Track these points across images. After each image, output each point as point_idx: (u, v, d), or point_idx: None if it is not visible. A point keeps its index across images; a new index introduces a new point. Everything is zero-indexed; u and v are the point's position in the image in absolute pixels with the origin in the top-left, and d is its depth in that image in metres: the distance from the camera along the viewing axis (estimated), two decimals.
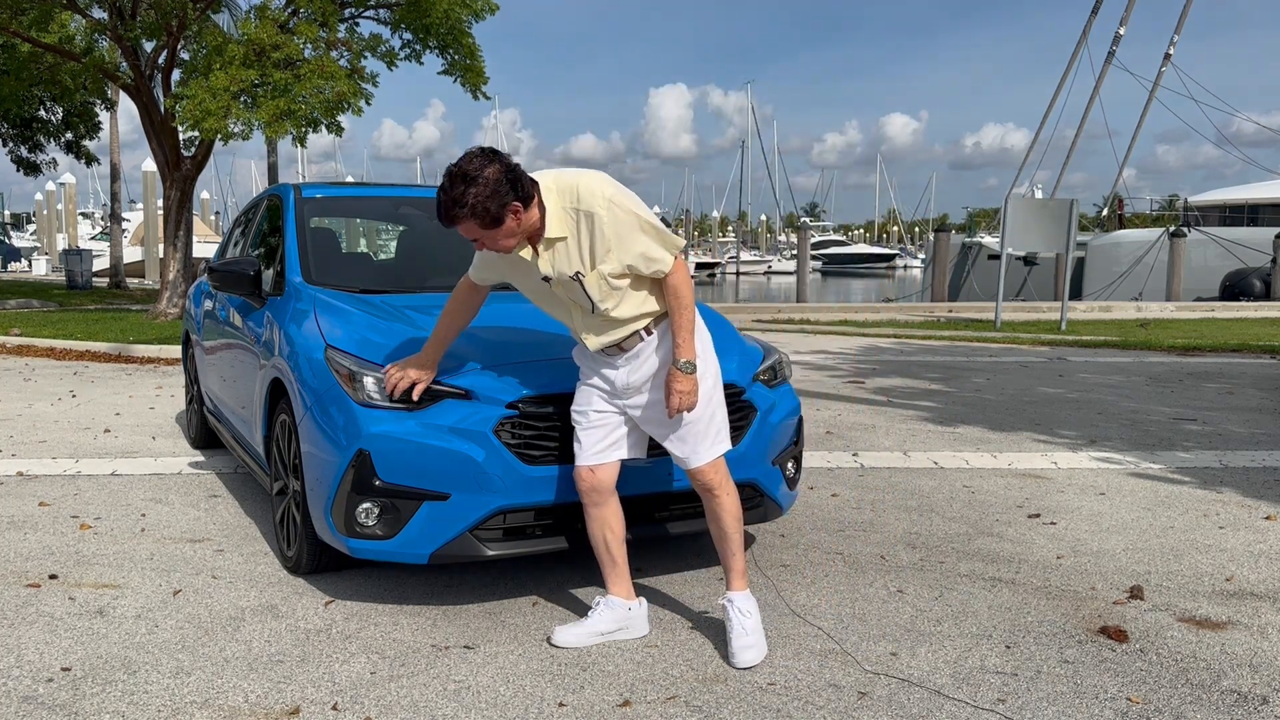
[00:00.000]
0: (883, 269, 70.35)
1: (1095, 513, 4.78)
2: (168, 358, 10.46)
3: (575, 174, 2.94)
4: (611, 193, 2.90)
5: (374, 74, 14.51)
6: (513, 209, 2.79)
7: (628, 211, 2.91)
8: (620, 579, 3.27)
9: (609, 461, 3.19)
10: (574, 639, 3.18)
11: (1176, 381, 9.36)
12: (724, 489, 3.14)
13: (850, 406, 7.73)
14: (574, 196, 2.89)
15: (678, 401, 3.00)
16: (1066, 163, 30.04)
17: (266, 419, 4.08)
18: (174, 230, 14.93)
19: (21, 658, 3.05)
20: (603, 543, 3.24)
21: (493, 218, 2.77)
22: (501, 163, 2.79)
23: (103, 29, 13.59)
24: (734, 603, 3.13)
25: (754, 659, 3.03)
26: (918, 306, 21.84)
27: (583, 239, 2.91)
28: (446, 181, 2.78)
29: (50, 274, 34.63)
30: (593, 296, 2.96)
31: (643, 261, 2.94)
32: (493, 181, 2.74)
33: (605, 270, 2.92)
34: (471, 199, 2.74)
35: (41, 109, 20.77)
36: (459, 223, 2.81)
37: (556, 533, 3.44)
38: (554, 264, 2.95)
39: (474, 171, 2.75)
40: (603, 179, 2.94)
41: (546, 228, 2.89)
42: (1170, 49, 27.81)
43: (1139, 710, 2.78)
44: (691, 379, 3.01)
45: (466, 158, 2.79)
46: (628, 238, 2.90)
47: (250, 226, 5.63)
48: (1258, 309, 19.85)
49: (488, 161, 2.77)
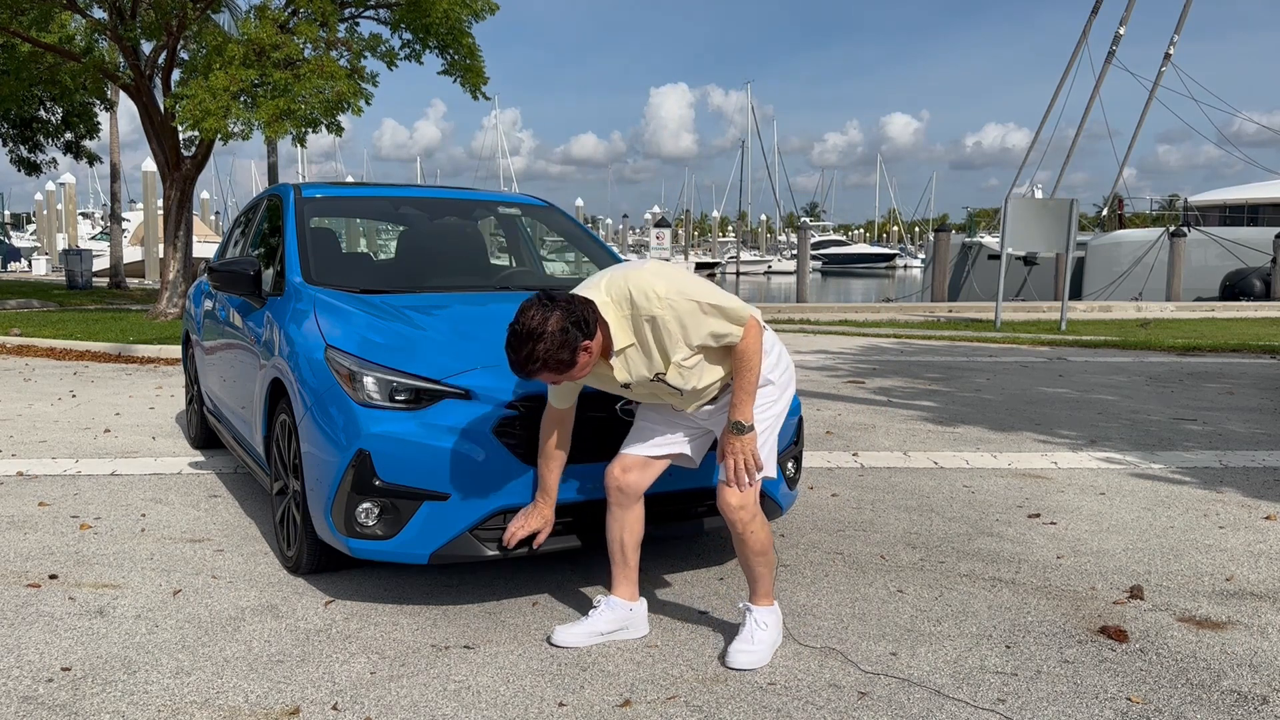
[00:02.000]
0: (883, 269, 70.34)
1: (1095, 513, 4.78)
2: (168, 358, 10.46)
3: (625, 278, 2.89)
4: (663, 289, 2.85)
5: (374, 74, 14.52)
6: (583, 348, 2.78)
7: (687, 301, 2.86)
8: (627, 581, 3.27)
9: (649, 457, 3.17)
10: (574, 638, 3.18)
11: (1176, 381, 9.36)
12: (748, 525, 3.05)
13: (850, 406, 7.73)
14: (630, 304, 2.87)
15: (733, 463, 2.97)
16: (1066, 163, 30.09)
17: (266, 419, 4.08)
18: (174, 230, 14.93)
19: (21, 658, 3.05)
20: (619, 543, 3.23)
21: (566, 364, 2.76)
22: (560, 308, 2.76)
23: (103, 29, 13.59)
24: (753, 612, 3.13)
25: (746, 663, 3.02)
26: (918, 306, 21.84)
27: (650, 342, 2.89)
28: (513, 339, 2.76)
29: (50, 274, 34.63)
30: (678, 386, 2.96)
31: (712, 339, 2.92)
32: (558, 333, 2.73)
33: (678, 359, 2.91)
34: (542, 354, 2.73)
35: (41, 109, 20.76)
36: (535, 376, 2.80)
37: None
38: (630, 370, 2.94)
39: (538, 327, 2.72)
40: (653, 274, 2.89)
41: (614, 340, 2.87)
42: (1170, 49, 27.82)
43: (1139, 710, 2.78)
44: (746, 439, 2.97)
45: (525, 313, 2.75)
46: (692, 326, 2.88)
47: (250, 226, 5.63)
48: (1258, 309, 19.85)
49: (548, 313, 2.74)
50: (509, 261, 5.77)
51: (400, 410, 3.33)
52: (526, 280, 5.24)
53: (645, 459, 3.18)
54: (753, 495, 3.04)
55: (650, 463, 3.18)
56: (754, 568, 3.12)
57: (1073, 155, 29.50)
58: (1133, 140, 30.60)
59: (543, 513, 3.27)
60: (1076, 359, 11.24)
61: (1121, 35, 27.60)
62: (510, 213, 5.64)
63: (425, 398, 3.33)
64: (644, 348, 2.91)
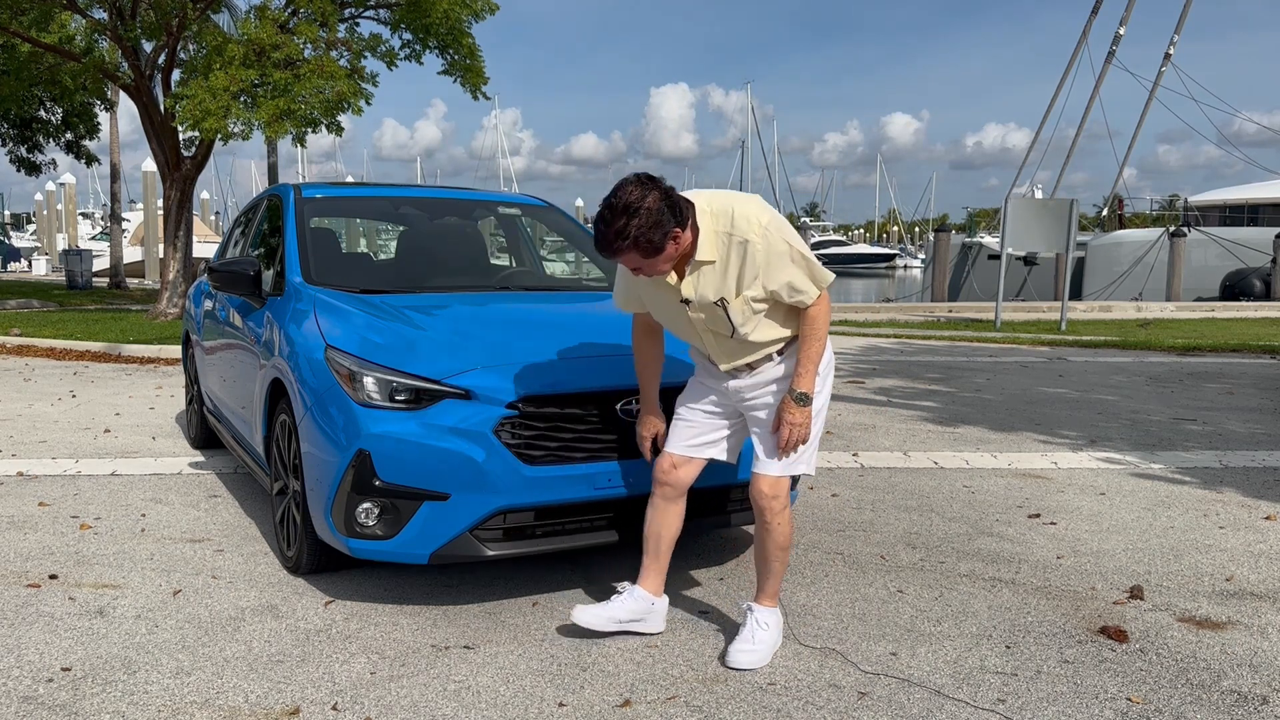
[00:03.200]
0: (883, 269, 70.32)
1: (1095, 513, 4.78)
2: (167, 358, 10.46)
3: (730, 198, 2.88)
4: (767, 220, 2.84)
5: (374, 74, 14.52)
6: (674, 235, 2.74)
7: (782, 240, 2.84)
8: (656, 574, 3.28)
9: (697, 457, 3.18)
10: (592, 620, 3.19)
11: (1176, 381, 9.36)
12: (777, 515, 3.07)
13: (850, 406, 7.73)
14: (729, 221, 2.83)
15: (788, 434, 2.97)
16: (1066, 162, 30.08)
17: (266, 419, 4.08)
18: (174, 230, 14.93)
19: (21, 658, 3.05)
20: (656, 536, 3.24)
21: (655, 247, 2.72)
22: (659, 189, 2.73)
23: (103, 29, 13.59)
24: (755, 612, 3.13)
25: (746, 663, 3.02)
26: (918, 306, 21.83)
27: (731, 265, 2.85)
28: (607, 213, 2.72)
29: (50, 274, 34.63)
30: (734, 321, 2.92)
31: (787, 290, 2.88)
32: (654, 210, 2.69)
33: (749, 294, 2.87)
34: (634, 231, 2.68)
35: (41, 109, 20.76)
36: (621, 255, 2.76)
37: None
38: (697, 288, 2.89)
39: (635, 202, 2.68)
40: (759, 205, 2.88)
41: (698, 250, 2.84)
42: (1170, 49, 27.81)
43: (1139, 710, 2.78)
44: (805, 411, 2.96)
45: (624, 188, 2.72)
46: (777, 266, 2.85)
47: (250, 226, 5.63)
48: (1258, 309, 19.84)
49: (646, 190, 2.71)
50: (509, 261, 5.77)
51: (400, 410, 3.33)
52: (526, 280, 5.25)
53: (688, 457, 3.19)
54: (785, 486, 3.07)
55: (693, 460, 3.20)
56: (770, 562, 3.13)
57: (1073, 155, 29.51)
58: (1133, 140, 30.62)
59: (652, 421, 3.27)
60: (1076, 359, 11.24)
61: (1121, 35, 27.59)
62: (510, 213, 5.64)
63: (425, 398, 3.33)
64: (723, 268, 2.85)
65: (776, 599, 3.19)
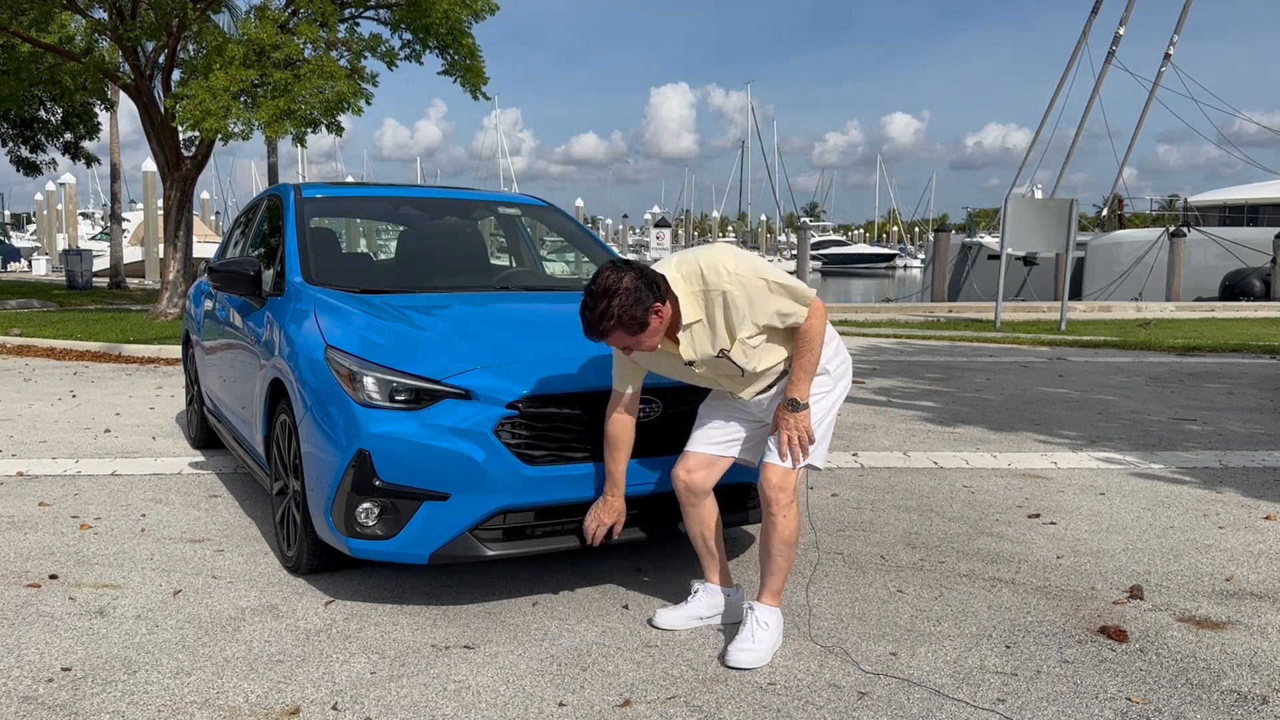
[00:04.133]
0: (883, 269, 70.29)
1: (1095, 513, 4.78)
2: (167, 358, 10.46)
3: (695, 256, 3.02)
4: (733, 265, 2.96)
5: (374, 74, 14.52)
6: (655, 309, 2.88)
7: (756, 278, 2.97)
8: (718, 567, 3.38)
9: (721, 457, 3.26)
10: (674, 621, 3.31)
11: (1176, 381, 9.36)
12: (784, 510, 3.13)
13: (850, 406, 7.73)
14: (700, 280, 2.97)
15: (786, 438, 3.08)
16: (1066, 162, 30.08)
17: (266, 419, 4.08)
18: (174, 230, 14.93)
19: (21, 658, 3.05)
20: (700, 538, 3.34)
21: (639, 323, 2.86)
22: (634, 269, 2.90)
23: (103, 29, 13.59)
24: (755, 611, 3.15)
25: (745, 662, 3.04)
26: (918, 306, 21.83)
27: (718, 317, 2.99)
28: (589, 299, 2.88)
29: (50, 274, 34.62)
30: (741, 365, 3.05)
31: (778, 319, 3.01)
32: (633, 289, 2.84)
33: (744, 336, 3.00)
34: (617, 309, 2.83)
35: (41, 109, 20.76)
36: (608, 335, 2.90)
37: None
38: (695, 347, 3.03)
39: (613, 284, 2.85)
40: (722, 252, 3.01)
41: (682, 315, 2.97)
42: (1170, 49, 27.81)
43: (1139, 710, 2.78)
44: (799, 416, 3.07)
45: (601, 274, 2.89)
46: (759, 303, 2.97)
47: (250, 227, 5.63)
48: (1258, 309, 19.84)
49: (622, 273, 2.88)
50: (509, 261, 5.77)
51: (400, 410, 3.33)
52: (526, 280, 5.25)
53: (710, 457, 3.26)
54: (794, 479, 3.13)
55: (715, 460, 3.27)
56: (775, 557, 3.16)
57: (1073, 155, 29.51)
58: (1132, 140, 30.62)
59: (614, 505, 3.34)
60: (1076, 359, 11.24)
61: (1121, 35, 27.59)
62: (510, 213, 5.64)
63: (425, 398, 3.33)
64: (711, 323, 3.00)
65: (779, 597, 3.20)
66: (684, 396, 3.44)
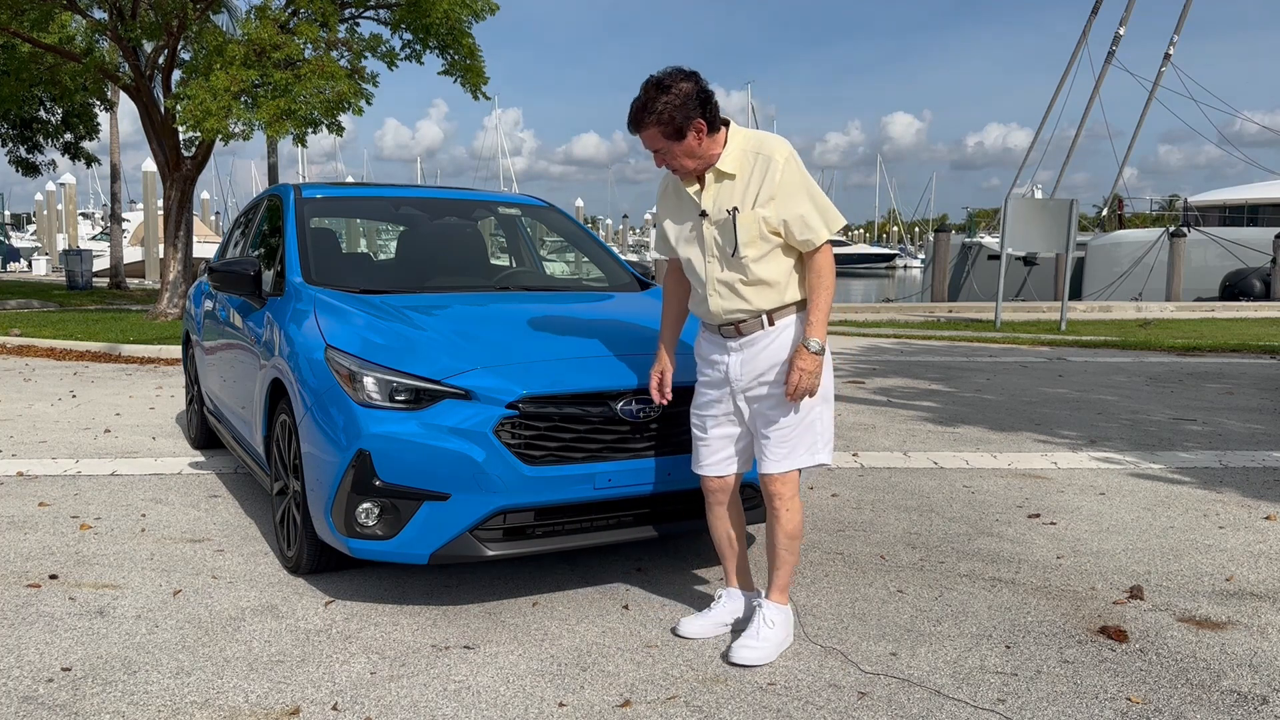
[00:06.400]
0: (883, 269, 70.27)
1: (1095, 513, 4.78)
2: (167, 358, 10.46)
3: (760, 131, 3.08)
4: (792, 153, 3.01)
5: (374, 74, 14.53)
6: (696, 125, 2.90)
7: (801, 174, 3.00)
8: (739, 572, 3.36)
9: (726, 474, 3.25)
10: (699, 630, 3.25)
11: (1176, 382, 9.36)
12: (786, 504, 3.12)
13: (850, 406, 7.72)
14: (758, 141, 3.02)
15: (797, 379, 2.97)
16: (1066, 162, 30.06)
17: (266, 419, 4.08)
18: (174, 230, 14.93)
19: (21, 658, 3.05)
20: (724, 537, 3.32)
21: (676, 129, 2.89)
22: (697, 83, 2.92)
23: (103, 29, 13.59)
24: (764, 609, 3.15)
25: (747, 659, 3.03)
26: (918, 306, 21.83)
27: (752, 180, 2.98)
28: (641, 91, 2.92)
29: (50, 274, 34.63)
30: (739, 237, 2.99)
31: (799, 225, 2.98)
32: (684, 95, 2.88)
33: (762, 213, 2.97)
34: (661, 106, 2.87)
35: (41, 109, 20.76)
36: (645, 129, 2.93)
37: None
38: (716, 199, 3.03)
39: (669, 83, 2.89)
40: (790, 146, 3.04)
41: (722, 160, 2.99)
42: (1170, 49, 27.81)
43: (1139, 710, 2.78)
44: (817, 360, 2.99)
45: (666, 71, 2.92)
46: (793, 195, 2.97)
47: (250, 227, 5.63)
48: (1258, 309, 19.84)
49: (685, 78, 2.91)
50: (509, 262, 5.77)
51: (400, 410, 3.33)
52: (526, 280, 5.25)
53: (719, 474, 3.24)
54: (795, 475, 3.12)
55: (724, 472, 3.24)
56: (780, 552, 3.15)
57: (1073, 155, 29.49)
58: (1132, 140, 30.61)
59: (664, 360, 3.35)
60: (1076, 359, 11.24)
61: (1121, 35, 27.58)
62: (510, 213, 5.64)
63: (425, 398, 3.33)
64: (744, 183, 2.99)
65: (787, 594, 3.20)
66: (684, 397, 3.45)
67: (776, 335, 3.06)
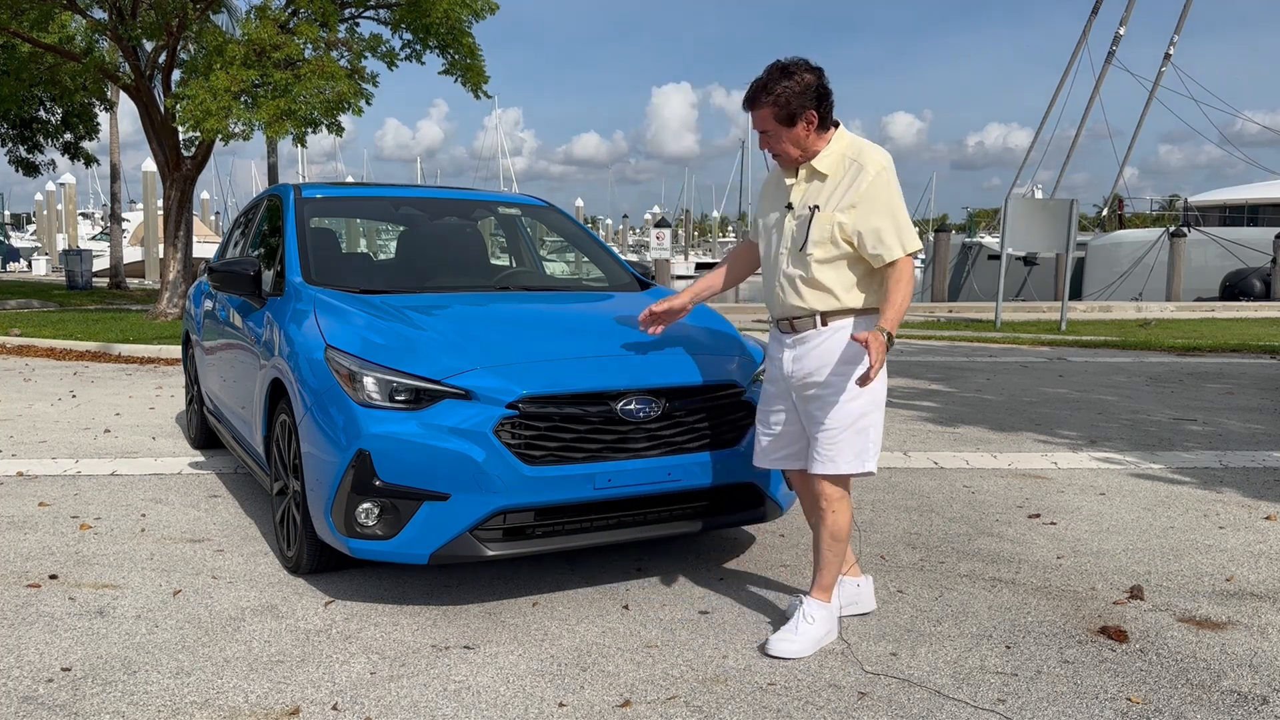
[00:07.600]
0: None
1: (1095, 513, 4.78)
2: (167, 358, 10.46)
3: (871, 143, 3.14)
4: (886, 167, 3.06)
5: (374, 74, 14.53)
6: (808, 116, 3.00)
7: (889, 190, 3.04)
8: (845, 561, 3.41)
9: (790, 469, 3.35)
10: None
11: (1176, 382, 9.36)
12: (832, 505, 3.17)
13: None
14: (858, 149, 3.08)
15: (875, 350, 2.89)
16: (1067, 162, 30.08)
17: (266, 419, 4.08)
18: (174, 230, 14.93)
19: (21, 658, 3.05)
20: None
21: (789, 115, 2.99)
22: (819, 78, 3.01)
23: (103, 29, 13.59)
24: (805, 604, 3.19)
25: (784, 651, 3.07)
26: (918, 306, 21.82)
27: (841, 184, 3.05)
28: (764, 72, 3.02)
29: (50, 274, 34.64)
30: (811, 234, 3.05)
31: (872, 238, 3.01)
32: (804, 85, 2.98)
33: (839, 219, 3.02)
34: (780, 90, 2.97)
35: (41, 109, 20.76)
36: (760, 108, 3.02)
37: None
38: (804, 195, 3.11)
39: (794, 70, 2.99)
40: (886, 153, 3.10)
41: (819, 159, 3.07)
42: (1170, 49, 27.82)
43: (1139, 710, 2.78)
44: (884, 344, 2.93)
45: (793, 59, 3.03)
46: (875, 208, 3.01)
47: (250, 227, 5.63)
48: (1258, 309, 19.85)
49: (809, 70, 3.01)
50: (509, 261, 5.77)
51: (400, 410, 3.33)
52: (526, 280, 5.25)
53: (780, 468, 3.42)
54: (843, 478, 3.17)
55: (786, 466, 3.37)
56: (824, 552, 3.21)
57: (1073, 155, 29.52)
58: (1132, 140, 30.63)
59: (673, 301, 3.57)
60: (1076, 359, 11.24)
61: (1121, 35, 27.60)
62: (510, 213, 5.64)
63: (425, 398, 3.33)
64: (832, 186, 3.06)
65: (829, 593, 3.23)
66: (689, 394, 3.44)
67: (829, 336, 3.11)
